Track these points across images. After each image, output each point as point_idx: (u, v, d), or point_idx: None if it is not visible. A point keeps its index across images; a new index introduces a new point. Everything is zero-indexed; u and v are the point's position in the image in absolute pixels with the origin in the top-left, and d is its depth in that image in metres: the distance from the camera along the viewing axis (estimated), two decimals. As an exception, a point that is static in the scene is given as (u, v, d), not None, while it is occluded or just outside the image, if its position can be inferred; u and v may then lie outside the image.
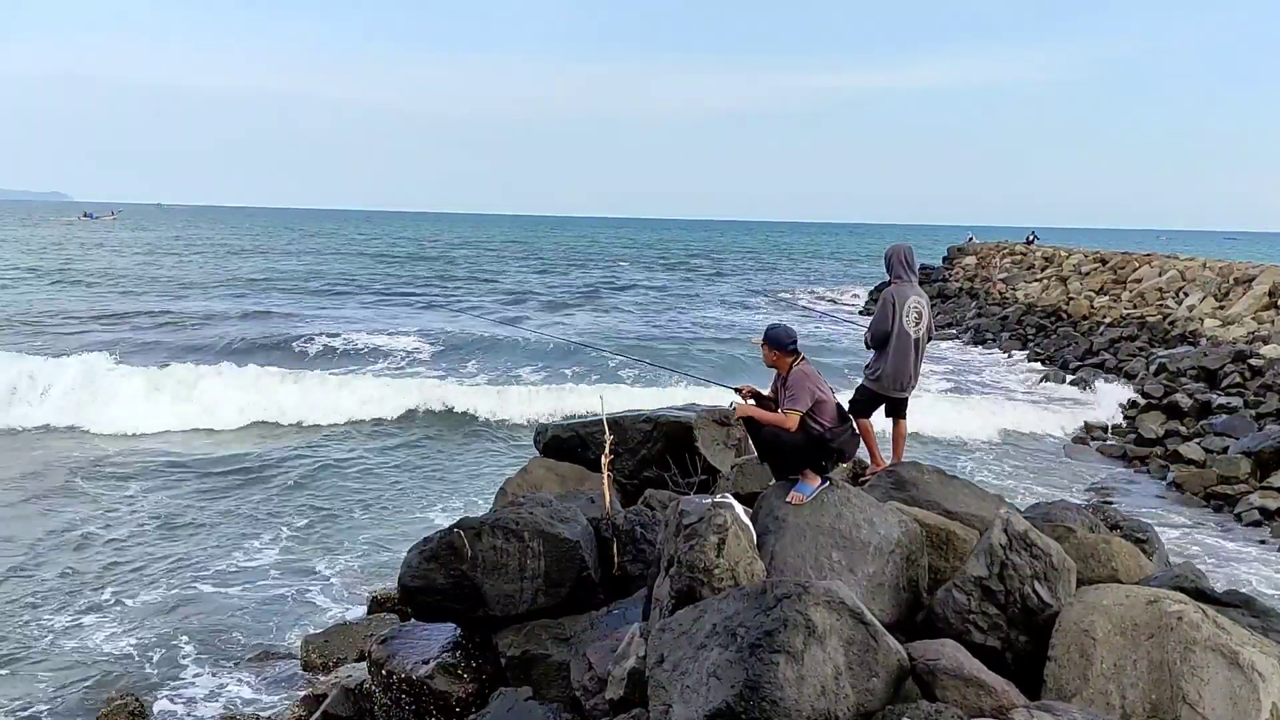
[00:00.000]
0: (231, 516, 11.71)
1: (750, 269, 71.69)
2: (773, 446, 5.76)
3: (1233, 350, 19.93)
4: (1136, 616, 4.77)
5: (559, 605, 6.34)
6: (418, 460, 14.66)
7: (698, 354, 26.55)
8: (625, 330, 32.79)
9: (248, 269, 53.19)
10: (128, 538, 10.85)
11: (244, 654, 8.19)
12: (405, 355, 24.77)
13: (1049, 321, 29.40)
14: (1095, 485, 14.20)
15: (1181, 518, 12.70)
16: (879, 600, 5.33)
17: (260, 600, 9.31)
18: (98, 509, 11.84)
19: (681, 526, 5.17)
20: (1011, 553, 5.14)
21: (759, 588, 4.62)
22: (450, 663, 6.24)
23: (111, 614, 8.90)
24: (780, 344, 5.87)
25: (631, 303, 42.51)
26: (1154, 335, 24.40)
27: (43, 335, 25.86)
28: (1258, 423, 16.19)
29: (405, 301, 39.42)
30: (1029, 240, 47.85)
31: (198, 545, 10.71)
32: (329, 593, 9.54)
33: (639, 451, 8.77)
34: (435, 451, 15.31)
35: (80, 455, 14.39)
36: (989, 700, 4.42)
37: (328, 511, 11.93)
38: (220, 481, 13.21)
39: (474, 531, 6.33)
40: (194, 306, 33.61)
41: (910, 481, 6.65)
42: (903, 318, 7.18)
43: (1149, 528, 7.11)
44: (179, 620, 8.81)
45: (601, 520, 6.93)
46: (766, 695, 4.18)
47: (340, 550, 10.65)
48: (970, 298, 38.42)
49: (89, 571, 9.89)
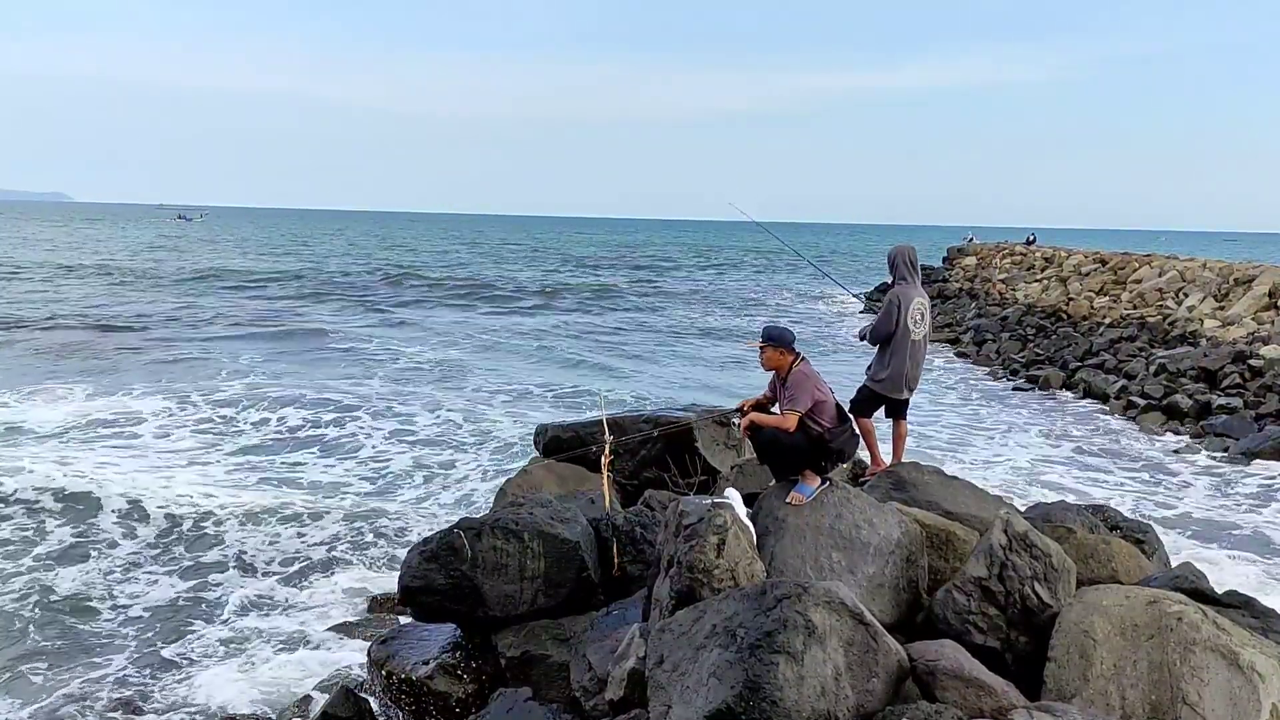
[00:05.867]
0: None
1: (750, 269, 71.80)
2: (772, 447, 5.76)
3: (1233, 351, 19.91)
4: (1136, 617, 4.77)
5: (559, 606, 6.35)
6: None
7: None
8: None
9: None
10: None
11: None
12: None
13: (1049, 322, 29.39)
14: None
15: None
16: (879, 601, 5.33)
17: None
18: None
19: (681, 527, 5.17)
20: (1011, 553, 5.14)
21: (759, 588, 4.62)
22: (450, 663, 6.25)
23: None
24: (779, 344, 5.87)
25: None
26: (1154, 336, 24.38)
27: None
28: (1258, 423, 16.18)
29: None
30: (1029, 241, 47.90)
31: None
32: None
33: (639, 451, 8.79)
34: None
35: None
36: (989, 701, 4.42)
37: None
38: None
39: (474, 532, 6.34)
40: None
41: (910, 482, 6.66)
42: (906, 319, 7.19)
43: (1149, 528, 7.11)
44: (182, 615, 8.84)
45: (601, 520, 6.93)
46: (766, 696, 4.18)
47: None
48: (970, 298, 38.43)
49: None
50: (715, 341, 30.91)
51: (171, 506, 11.89)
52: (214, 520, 11.61)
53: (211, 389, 19.13)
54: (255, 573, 10.10)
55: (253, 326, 30.10)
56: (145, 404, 17.49)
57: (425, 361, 24.52)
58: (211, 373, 21.37)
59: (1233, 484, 13.99)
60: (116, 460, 13.84)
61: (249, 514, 11.89)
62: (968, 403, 20.52)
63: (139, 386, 19.20)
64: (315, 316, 33.93)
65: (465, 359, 25.06)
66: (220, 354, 24.26)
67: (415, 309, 38.01)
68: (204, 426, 15.94)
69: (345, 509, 12.11)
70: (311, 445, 15.12)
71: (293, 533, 11.26)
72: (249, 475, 13.54)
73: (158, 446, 14.74)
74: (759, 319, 36.98)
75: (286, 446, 14.98)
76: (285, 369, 22.28)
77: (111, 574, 9.89)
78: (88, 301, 35.16)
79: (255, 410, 17.31)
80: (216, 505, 12.16)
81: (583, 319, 36.47)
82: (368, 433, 15.99)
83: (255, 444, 15.03)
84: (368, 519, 11.68)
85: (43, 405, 17.16)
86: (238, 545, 10.81)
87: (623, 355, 27.20)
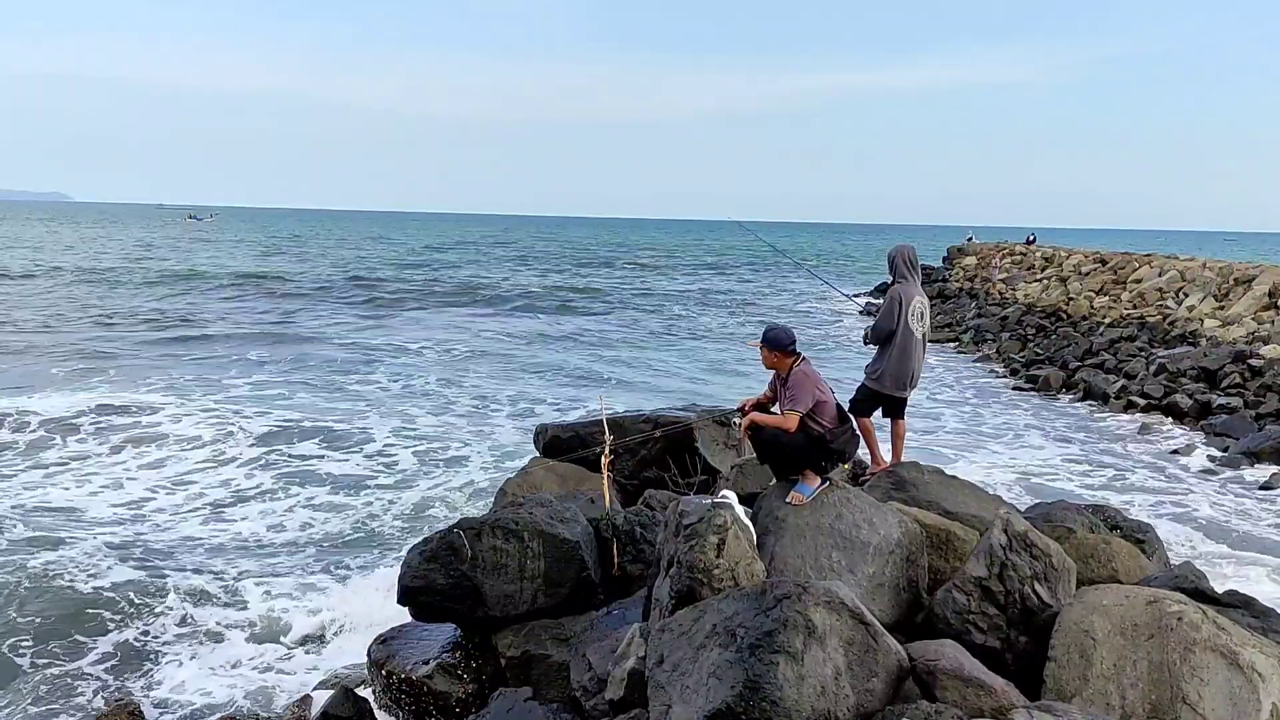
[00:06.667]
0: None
1: (750, 268, 71.79)
2: (773, 447, 5.76)
3: (1233, 350, 19.91)
4: (1136, 617, 4.77)
5: (559, 605, 6.35)
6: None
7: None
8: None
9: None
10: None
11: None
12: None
13: (1049, 322, 29.39)
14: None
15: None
16: (879, 600, 5.34)
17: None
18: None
19: (681, 527, 5.17)
20: (1011, 553, 5.15)
21: (759, 588, 4.62)
22: (450, 663, 6.25)
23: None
24: (780, 345, 5.87)
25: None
26: (1154, 335, 24.39)
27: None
28: (1258, 423, 16.17)
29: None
30: (1029, 241, 47.93)
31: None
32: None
33: (639, 451, 8.79)
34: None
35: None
36: (989, 700, 4.42)
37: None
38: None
39: (474, 531, 6.34)
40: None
41: (910, 481, 6.66)
42: (908, 317, 7.21)
43: (1149, 528, 7.11)
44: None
45: (601, 520, 6.93)
46: (766, 695, 4.18)
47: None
48: (970, 298, 38.44)
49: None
50: (715, 342, 30.92)
51: (165, 505, 11.89)
52: (214, 519, 11.62)
53: (212, 390, 19.18)
54: (255, 572, 10.09)
55: (253, 327, 30.11)
56: (151, 399, 17.69)
57: (425, 361, 24.55)
58: (213, 373, 21.41)
59: (1233, 484, 14.00)
60: (113, 458, 13.87)
61: (249, 514, 11.91)
62: (967, 402, 20.52)
63: (143, 385, 19.32)
64: (316, 317, 33.95)
65: (465, 359, 25.08)
66: (222, 354, 24.30)
67: (415, 310, 38.05)
68: (201, 427, 15.94)
69: (345, 509, 12.12)
70: (311, 445, 15.11)
71: (292, 532, 11.26)
72: (249, 474, 13.54)
73: (155, 448, 14.74)
74: (759, 319, 36.99)
75: (287, 446, 14.97)
76: (286, 369, 22.30)
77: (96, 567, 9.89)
78: (121, 302, 35.46)
79: (255, 411, 17.33)
80: (213, 504, 12.17)
81: (583, 319, 36.49)
82: (368, 432, 15.97)
83: (255, 444, 15.02)
84: (368, 518, 11.69)
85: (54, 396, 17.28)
86: (237, 544, 10.82)
87: (623, 355, 27.20)
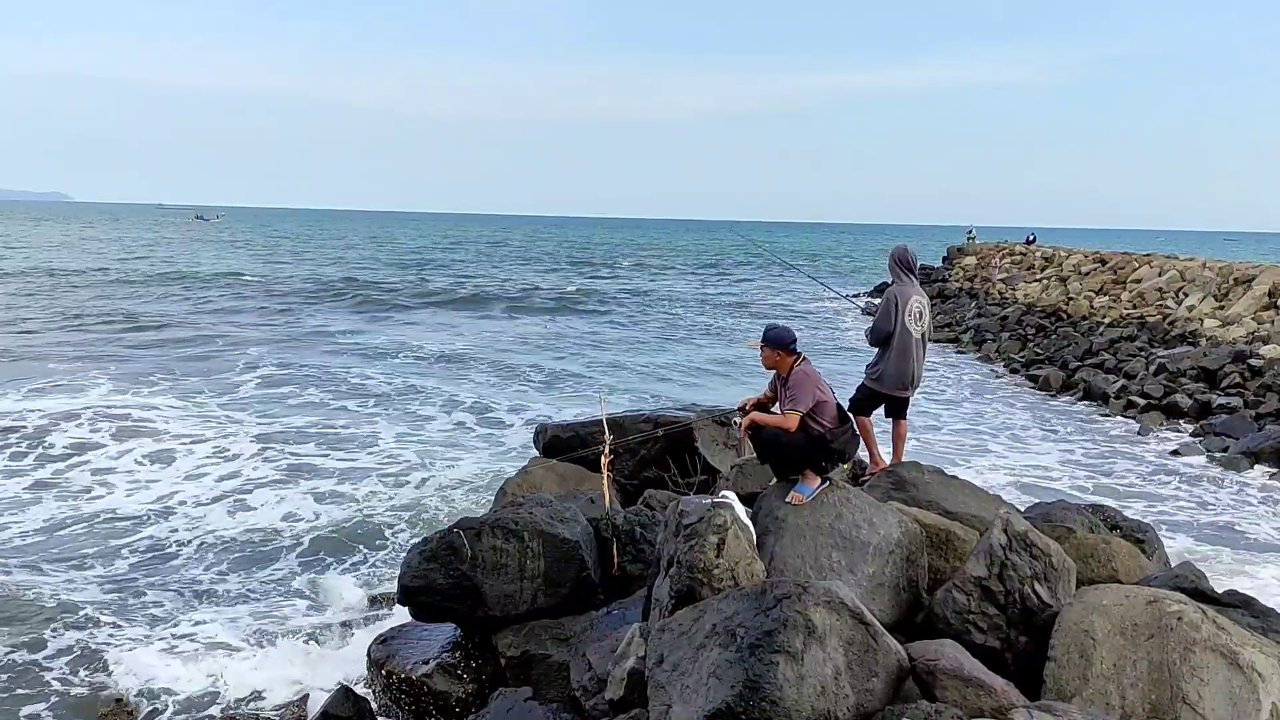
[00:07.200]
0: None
1: (750, 268, 71.80)
2: (773, 447, 5.76)
3: (1232, 350, 19.91)
4: (1136, 617, 4.77)
5: (559, 605, 6.35)
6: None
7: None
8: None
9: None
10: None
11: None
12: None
13: (1049, 321, 29.39)
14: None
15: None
16: (879, 600, 5.34)
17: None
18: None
19: (681, 527, 5.17)
20: (1011, 553, 5.15)
21: (759, 588, 4.62)
22: (450, 663, 6.25)
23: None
24: (780, 344, 5.87)
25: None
26: (1154, 335, 24.39)
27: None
28: (1257, 423, 16.18)
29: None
30: (1029, 241, 47.92)
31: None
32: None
33: (639, 451, 8.79)
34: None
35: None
36: (989, 700, 4.42)
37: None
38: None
39: (474, 531, 6.34)
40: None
41: (910, 481, 6.66)
42: (905, 317, 7.21)
43: (1149, 527, 7.11)
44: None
45: (601, 520, 6.93)
46: (766, 695, 4.18)
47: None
48: (970, 298, 38.44)
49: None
50: (715, 341, 30.92)
51: (166, 506, 11.89)
52: (212, 519, 11.62)
53: (213, 389, 19.18)
54: (254, 572, 10.09)
55: (254, 328, 30.11)
56: (154, 400, 17.69)
57: (425, 361, 24.56)
58: (216, 373, 21.41)
59: (1232, 483, 14.00)
60: (116, 456, 13.86)
61: (248, 514, 11.90)
62: (967, 402, 20.53)
63: (147, 385, 19.31)
64: (316, 317, 33.96)
65: (465, 359, 25.07)
66: (223, 355, 24.30)
67: (415, 309, 38.06)
68: (204, 426, 15.94)
69: (345, 508, 12.12)
70: (311, 445, 15.11)
71: (291, 531, 11.26)
72: (249, 472, 13.54)
73: (161, 445, 14.74)
74: (758, 319, 37.00)
75: (287, 446, 14.98)
76: (286, 369, 22.29)
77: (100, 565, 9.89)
78: (122, 302, 35.45)
79: (255, 411, 17.34)
80: (212, 504, 12.17)
81: (583, 319, 36.48)
82: (368, 432, 15.98)
83: (255, 444, 15.02)
84: (368, 518, 11.68)
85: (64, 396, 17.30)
86: (237, 544, 10.82)
87: (622, 355, 27.20)
